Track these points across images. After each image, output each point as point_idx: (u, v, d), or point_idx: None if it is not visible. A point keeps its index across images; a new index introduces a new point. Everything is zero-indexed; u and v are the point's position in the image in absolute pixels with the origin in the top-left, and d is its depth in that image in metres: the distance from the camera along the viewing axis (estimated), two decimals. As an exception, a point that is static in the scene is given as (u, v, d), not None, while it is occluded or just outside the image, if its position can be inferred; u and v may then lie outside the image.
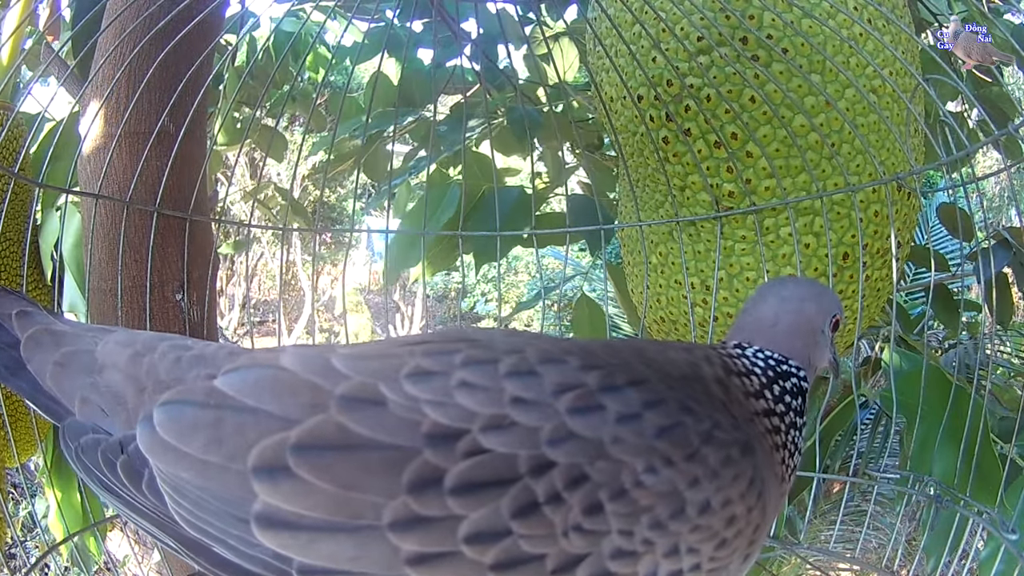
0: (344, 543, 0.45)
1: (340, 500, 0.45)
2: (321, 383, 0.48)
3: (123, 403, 0.55)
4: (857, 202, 1.01)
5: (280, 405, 0.48)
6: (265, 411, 0.47)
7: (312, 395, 0.48)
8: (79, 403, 0.56)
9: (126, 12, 0.99)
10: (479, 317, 6.49)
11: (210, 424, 0.48)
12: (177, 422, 0.49)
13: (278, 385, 0.49)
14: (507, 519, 0.45)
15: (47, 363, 0.57)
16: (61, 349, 0.58)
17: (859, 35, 1.01)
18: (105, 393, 0.55)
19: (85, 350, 0.58)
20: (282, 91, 1.94)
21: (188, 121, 0.99)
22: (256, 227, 1.35)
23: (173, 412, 0.49)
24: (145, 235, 0.99)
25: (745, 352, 0.59)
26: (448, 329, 0.58)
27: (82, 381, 0.56)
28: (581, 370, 0.49)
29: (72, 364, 0.57)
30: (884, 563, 0.96)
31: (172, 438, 0.48)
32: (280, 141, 1.86)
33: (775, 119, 1.00)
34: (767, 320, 0.61)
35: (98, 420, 0.55)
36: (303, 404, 0.47)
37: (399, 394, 0.47)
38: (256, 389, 0.49)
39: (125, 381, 0.55)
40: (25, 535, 2.63)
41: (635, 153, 1.13)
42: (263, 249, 5.88)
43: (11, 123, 1.02)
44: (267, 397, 0.48)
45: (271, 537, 0.46)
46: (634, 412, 0.47)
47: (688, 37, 1.03)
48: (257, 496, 0.46)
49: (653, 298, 1.15)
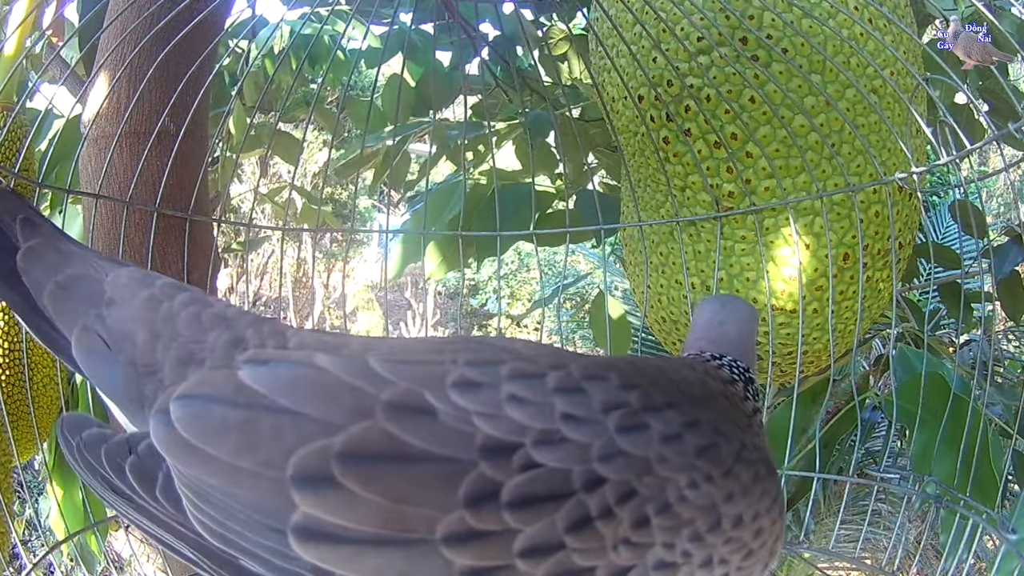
0: (393, 557, 0.43)
1: (390, 513, 0.43)
2: (365, 387, 0.46)
3: (132, 345, 0.51)
4: (857, 202, 1.01)
5: (321, 409, 0.45)
6: (305, 415, 0.45)
7: (355, 399, 0.45)
8: (78, 331, 0.52)
9: (127, 12, 0.99)
10: (490, 315, 6.49)
11: (241, 425, 0.45)
12: (202, 420, 0.45)
13: (317, 386, 0.46)
14: (561, 533, 0.44)
15: (47, 280, 0.54)
16: (66, 270, 0.55)
17: (860, 35, 1.01)
18: (113, 329, 0.52)
19: (93, 277, 0.54)
20: (297, 95, 1.95)
21: (188, 121, 0.99)
22: (257, 227, 1.35)
23: (197, 408, 0.46)
24: (145, 235, 0.99)
25: (723, 362, 0.60)
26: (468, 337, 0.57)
27: (85, 310, 0.53)
28: (623, 389, 0.48)
29: (76, 288, 0.54)
30: (884, 564, 0.96)
31: (196, 439, 0.45)
32: (294, 144, 1.86)
33: (775, 119, 1.00)
34: (723, 337, 0.63)
35: (95, 355, 0.52)
36: (346, 409, 0.45)
37: (448, 404, 0.45)
38: (292, 389, 0.46)
39: (137, 322, 0.52)
40: (30, 535, 2.64)
41: (636, 153, 1.12)
42: (273, 247, 5.90)
43: (12, 123, 1.02)
44: (306, 399, 0.45)
45: (311, 550, 0.43)
46: (676, 432, 0.48)
47: (688, 37, 1.02)
48: (297, 507, 0.43)
49: (654, 298, 1.15)
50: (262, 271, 6.50)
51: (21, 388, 1.02)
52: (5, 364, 1.02)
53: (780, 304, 1.04)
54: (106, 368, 0.52)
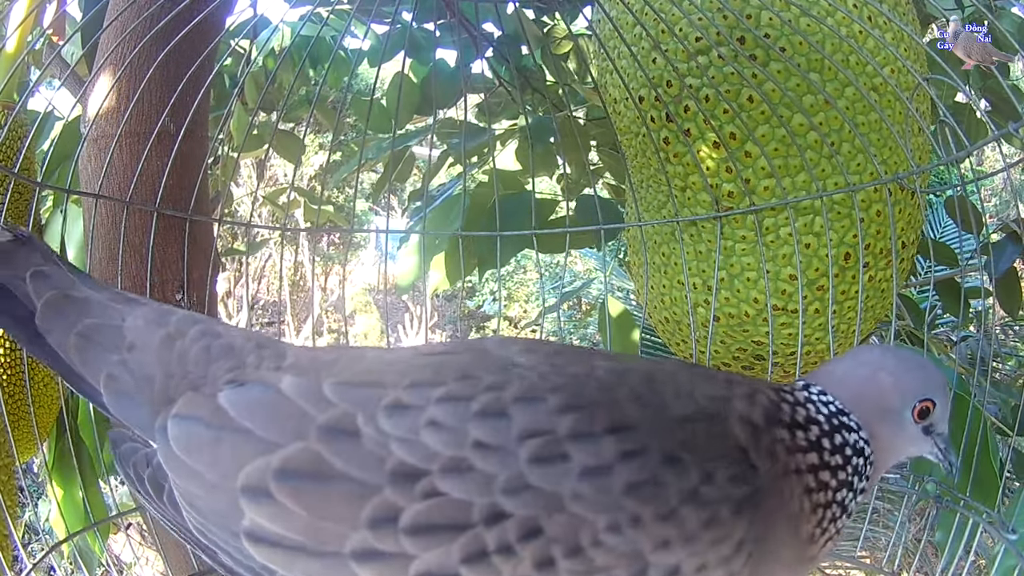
0: (315, 565, 0.48)
1: (312, 526, 0.47)
2: (308, 409, 0.50)
3: (151, 386, 0.55)
4: (858, 202, 1.01)
5: (269, 429, 0.50)
6: (256, 434, 0.50)
7: (298, 421, 0.50)
8: (105, 379, 0.56)
9: (127, 11, 0.99)
10: (487, 316, 6.49)
11: (212, 442, 0.51)
12: (186, 438, 0.52)
13: (271, 408, 0.51)
14: (456, 563, 0.45)
15: (68, 334, 0.56)
16: (84, 320, 0.57)
17: (859, 33, 1.01)
18: (136, 373, 0.56)
19: (111, 324, 0.57)
20: (300, 96, 1.95)
21: (188, 121, 0.99)
22: (257, 227, 1.35)
23: (184, 427, 0.52)
24: (145, 235, 0.99)
25: (811, 397, 0.55)
26: (471, 342, 0.57)
27: (108, 358, 0.56)
28: (558, 412, 0.47)
29: (97, 338, 0.56)
30: (883, 563, 0.96)
31: (183, 453, 0.51)
32: (295, 145, 1.86)
33: (774, 118, 1.00)
34: (833, 379, 0.57)
35: (124, 399, 0.56)
36: (288, 429, 0.50)
37: (373, 427, 0.48)
38: (252, 411, 0.51)
39: (155, 365, 0.56)
40: (30, 537, 2.64)
41: (638, 154, 1.13)
42: (271, 250, 5.90)
43: (12, 123, 1.02)
44: (260, 420, 0.50)
45: (258, 552, 0.49)
46: (604, 464, 0.45)
47: (687, 37, 1.02)
48: (245, 514, 0.49)
49: (657, 299, 1.15)
50: (259, 275, 6.49)
51: (21, 388, 1.02)
52: (5, 364, 1.01)
53: (781, 304, 1.04)
54: (134, 410, 0.56)
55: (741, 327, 1.08)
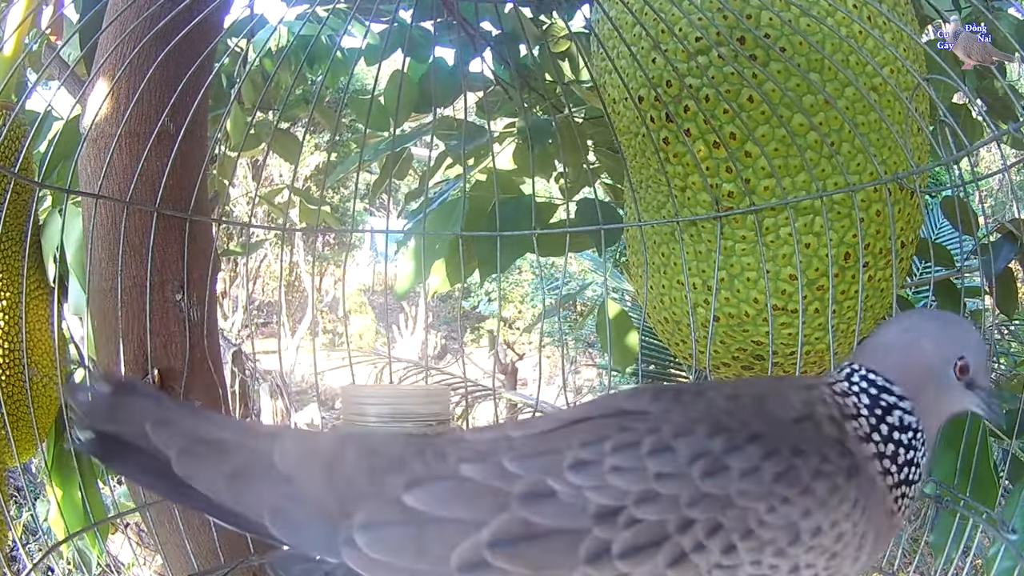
0: None
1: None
2: (500, 486, 0.57)
3: (323, 510, 0.58)
4: (858, 202, 1.01)
5: (470, 511, 0.56)
6: (457, 519, 0.56)
7: (493, 498, 0.56)
8: (270, 514, 0.58)
9: (127, 12, 0.99)
10: (482, 316, 6.50)
11: (414, 538, 0.56)
12: (384, 541, 0.56)
13: (464, 494, 0.57)
14: (663, 569, 0.54)
15: (218, 479, 0.58)
16: (229, 460, 0.58)
17: (858, 33, 1.01)
18: (304, 502, 0.58)
19: (261, 461, 0.59)
20: (297, 95, 1.94)
21: (188, 121, 0.99)
22: (256, 227, 1.35)
23: (376, 533, 0.56)
24: (145, 235, 0.99)
25: (852, 383, 0.63)
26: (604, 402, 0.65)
27: (267, 493, 0.58)
28: (708, 437, 0.57)
29: (249, 476, 0.58)
30: (883, 563, 0.96)
31: (382, 555, 0.56)
32: (294, 144, 1.86)
33: (774, 118, 1.00)
34: (879, 351, 0.65)
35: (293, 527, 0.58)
36: (486, 507, 0.56)
37: (565, 485, 0.56)
38: (446, 500, 0.57)
39: (323, 491, 0.59)
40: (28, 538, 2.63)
41: (638, 154, 1.13)
42: (266, 251, 5.89)
43: (11, 123, 1.02)
44: (456, 506, 0.56)
45: None
46: (754, 466, 0.56)
47: (687, 37, 1.03)
48: None
49: (657, 299, 1.15)
50: (255, 275, 6.49)
51: (20, 388, 1.02)
52: (5, 364, 1.01)
53: (781, 304, 1.05)
54: (307, 534, 0.59)
55: (741, 327, 1.08)
